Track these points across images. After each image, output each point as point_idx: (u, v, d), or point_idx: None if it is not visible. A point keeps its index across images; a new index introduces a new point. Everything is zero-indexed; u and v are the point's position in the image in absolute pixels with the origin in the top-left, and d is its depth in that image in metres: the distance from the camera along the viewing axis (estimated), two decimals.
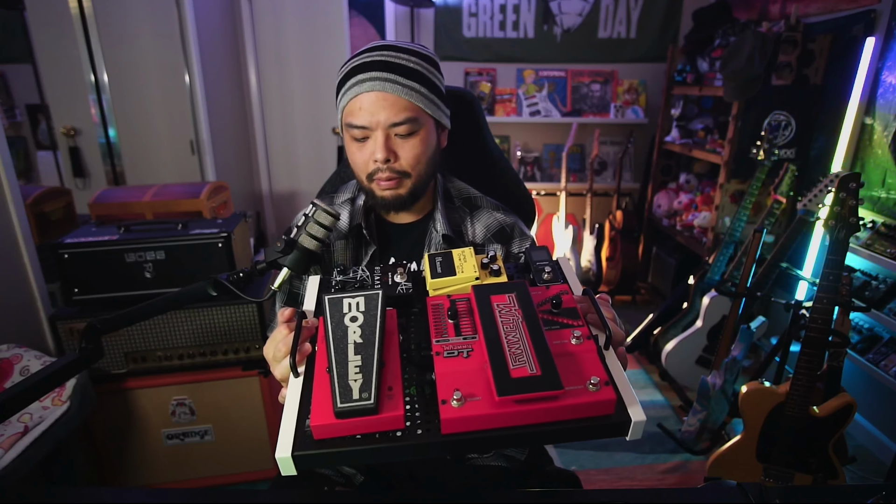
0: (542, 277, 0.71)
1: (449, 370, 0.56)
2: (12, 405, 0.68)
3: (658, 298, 3.34)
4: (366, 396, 0.53)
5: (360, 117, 0.88)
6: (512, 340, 0.57)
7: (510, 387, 0.52)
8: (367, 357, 0.57)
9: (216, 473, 1.88)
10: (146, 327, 1.69)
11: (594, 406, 0.53)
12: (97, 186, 2.80)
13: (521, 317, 0.60)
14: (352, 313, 0.61)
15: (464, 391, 0.53)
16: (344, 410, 0.53)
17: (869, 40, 2.08)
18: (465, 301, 0.66)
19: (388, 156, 0.89)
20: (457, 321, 0.63)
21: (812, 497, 0.76)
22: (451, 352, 0.59)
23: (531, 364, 0.54)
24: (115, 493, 0.83)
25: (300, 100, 3.41)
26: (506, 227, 1.03)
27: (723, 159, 2.52)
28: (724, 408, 1.92)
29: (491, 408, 0.52)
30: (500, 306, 0.62)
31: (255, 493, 0.76)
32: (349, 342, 0.58)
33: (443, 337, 0.61)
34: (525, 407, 0.52)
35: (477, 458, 1.01)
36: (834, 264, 1.41)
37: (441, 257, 0.74)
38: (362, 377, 0.55)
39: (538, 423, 0.53)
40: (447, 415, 0.52)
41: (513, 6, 3.29)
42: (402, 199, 0.94)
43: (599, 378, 0.54)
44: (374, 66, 0.88)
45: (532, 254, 0.77)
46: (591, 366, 0.56)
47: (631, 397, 0.55)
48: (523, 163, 3.55)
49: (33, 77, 2.97)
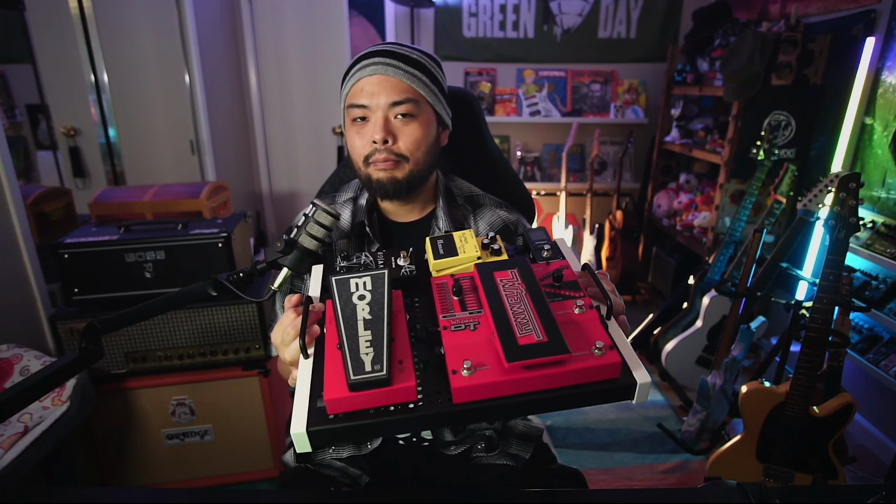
0: (541, 255, 0.72)
1: (457, 343, 0.57)
2: (12, 405, 0.68)
3: (658, 298, 3.34)
4: (378, 368, 0.54)
5: (361, 97, 0.91)
6: (517, 311, 0.58)
7: (518, 353, 0.53)
8: (377, 332, 0.58)
9: (216, 473, 1.88)
10: (146, 327, 1.69)
11: (600, 370, 0.54)
12: (97, 186, 2.80)
13: (524, 290, 0.61)
14: (359, 292, 0.62)
15: (473, 361, 0.54)
16: (357, 382, 0.53)
17: (869, 40, 2.08)
18: (469, 279, 0.67)
19: (387, 136, 0.90)
20: (462, 298, 0.64)
21: (812, 497, 0.76)
22: (458, 325, 0.60)
23: (537, 332, 0.55)
24: (115, 493, 0.83)
25: (300, 100, 3.41)
26: (509, 225, 1.04)
27: (723, 159, 2.52)
28: (725, 408, 1.92)
29: (500, 375, 0.53)
30: (504, 281, 0.63)
31: (255, 493, 0.76)
32: (358, 318, 0.59)
33: (449, 312, 0.62)
34: (533, 373, 0.53)
35: (482, 457, 1.01)
36: (834, 264, 1.41)
37: (442, 240, 0.75)
38: (373, 350, 0.56)
39: (546, 388, 0.54)
40: (458, 384, 0.53)
41: (513, 6, 3.29)
42: (399, 183, 0.94)
43: (604, 343, 0.55)
44: (377, 53, 0.91)
45: (531, 234, 0.78)
46: (595, 332, 0.58)
47: (635, 361, 0.56)
48: (523, 163, 3.55)
49: (33, 77, 2.97)
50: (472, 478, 0.99)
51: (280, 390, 1.90)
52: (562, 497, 0.80)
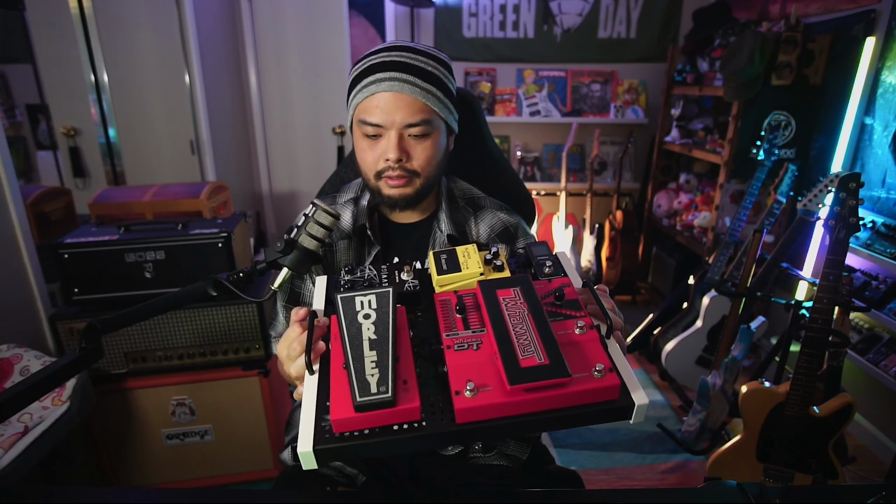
0: (543, 272, 0.73)
1: (460, 363, 0.59)
2: (12, 405, 0.68)
3: (658, 298, 3.34)
4: (383, 390, 0.55)
5: (376, 115, 0.88)
6: (520, 332, 0.59)
7: (520, 376, 0.54)
8: (382, 352, 0.59)
9: (216, 473, 1.88)
10: (146, 327, 1.69)
11: (600, 392, 0.56)
12: (97, 186, 2.80)
13: (526, 309, 0.62)
14: (364, 311, 0.63)
15: (476, 382, 0.56)
16: (363, 404, 0.54)
17: (869, 40, 2.08)
18: (472, 296, 0.68)
19: (401, 156, 0.89)
20: (465, 316, 0.65)
21: (812, 497, 0.76)
22: (462, 345, 0.61)
23: (539, 354, 0.56)
24: (115, 493, 0.83)
25: (300, 100, 3.41)
26: (510, 227, 1.04)
27: (723, 159, 2.52)
28: (725, 408, 1.92)
29: (502, 396, 0.55)
30: (506, 300, 0.64)
31: (255, 493, 0.76)
32: (364, 339, 0.60)
33: (452, 331, 0.63)
34: (535, 395, 0.55)
35: (479, 457, 1.01)
36: (834, 264, 1.41)
37: (446, 255, 0.76)
38: (379, 372, 0.57)
39: (547, 409, 0.56)
40: (461, 405, 0.54)
41: (513, 6, 3.29)
42: (409, 198, 0.94)
43: (604, 365, 0.56)
44: (392, 66, 0.87)
45: (533, 249, 0.79)
46: (595, 354, 0.59)
47: (634, 383, 0.58)
48: (523, 163, 3.55)
49: (33, 77, 2.96)
50: (470, 478, 0.99)
51: (280, 390, 1.90)
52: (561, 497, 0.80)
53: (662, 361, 2.40)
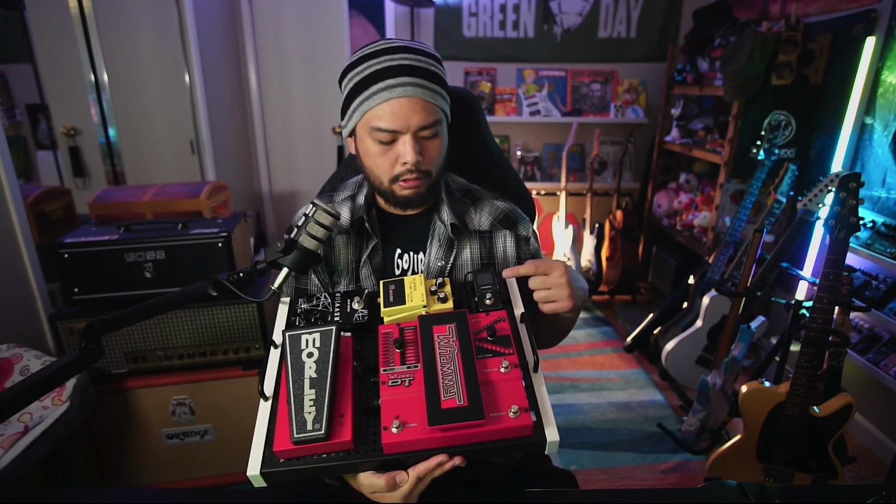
0: (484, 303, 0.80)
1: (392, 399, 0.66)
2: (12, 405, 0.68)
3: (658, 298, 3.34)
4: (317, 427, 0.63)
5: (391, 121, 0.87)
6: (446, 372, 0.67)
7: (440, 417, 0.62)
8: (320, 391, 0.66)
9: (216, 473, 1.88)
10: (146, 327, 1.68)
11: (514, 430, 0.63)
12: (97, 186, 2.80)
13: (457, 348, 0.70)
14: (308, 349, 0.70)
15: (402, 417, 0.64)
16: (299, 440, 0.62)
17: (869, 40, 2.08)
18: (413, 329, 0.75)
19: (419, 158, 0.90)
20: (403, 350, 0.72)
21: (812, 497, 0.76)
22: (395, 380, 0.68)
23: (460, 396, 0.64)
24: (115, 493, 0.83)
25: (300, 100, 3.41)
26: (509, 213, 1.06)
27: (723, 159, 2.52)
28: (725, 408, 1.92)
29: (424, 433, 0.63)
30: (440, 338, 0.72)
31: (255, 492, 0.76)
32: (305, 377, 0.67)
33: (389, 366, 0.70)
34: (453, 433, 0.63)
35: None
36: (834, 264, 1.41)
37: (394, 285, 0.82)
38: (315, 409, 0.64)
39: (465, 444, 0.64)
40: (387, 439, 0.63)
41: (513, 6, 3.29)
42: (422, 195, 0.96)
43: (518, 406, 0.64)
44: (400, 70, 0.87)
45: (478, 277, 0.85)
46: (513, 394, 0.66)
47: (549, 419, 0.65)
48: (523, 162, 3.55)
49: (33, 77, 2.97)
50: (465, 477, 0.99)
51: None
52: (561, 497, 0.80)
53: (662, 361, 2.40)
